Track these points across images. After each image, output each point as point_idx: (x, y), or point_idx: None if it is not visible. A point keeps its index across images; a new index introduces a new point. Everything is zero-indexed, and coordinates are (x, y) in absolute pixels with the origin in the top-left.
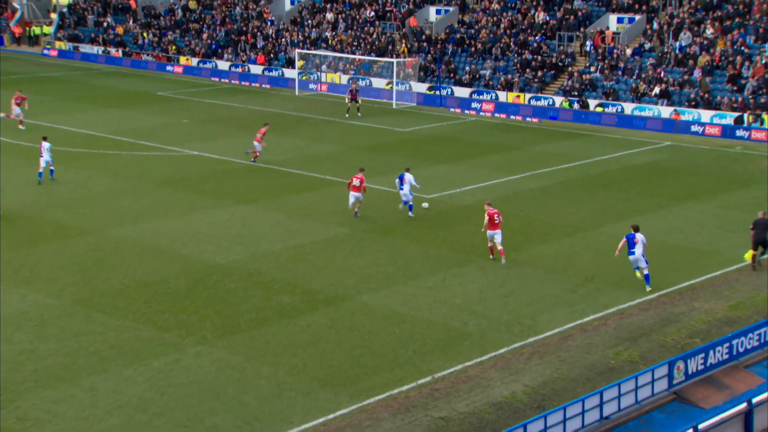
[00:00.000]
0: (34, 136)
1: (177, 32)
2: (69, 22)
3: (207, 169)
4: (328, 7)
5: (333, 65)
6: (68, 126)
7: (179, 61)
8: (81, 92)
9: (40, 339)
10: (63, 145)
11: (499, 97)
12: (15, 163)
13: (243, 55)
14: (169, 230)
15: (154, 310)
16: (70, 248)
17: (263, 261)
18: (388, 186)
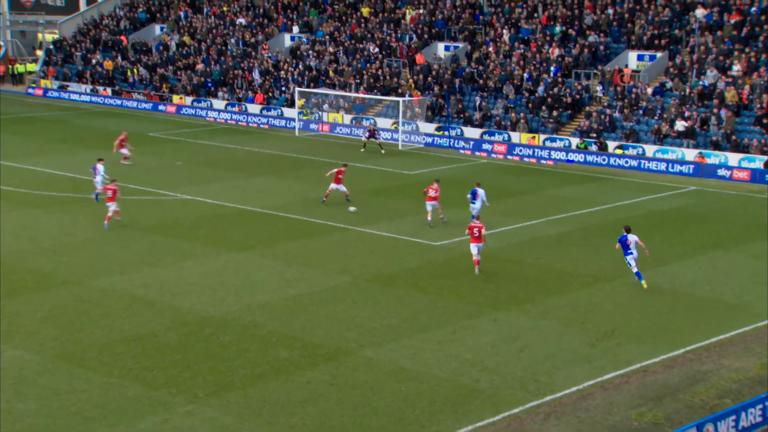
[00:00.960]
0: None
1: (170, 68)
2: (56, 60)
3: (200, 214)
4: (329, 42)
5: (335, 104)
6: (52, 169)
7: (172, 99)
8: (66, 133)
9: (17, 398)
10: (47, 189)
11: (512, 138)
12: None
13: (240, 93)
14: (159, 280)
15: (142, 366)
16: (53, 299)
17: (259, 312)
18: (393, 232)
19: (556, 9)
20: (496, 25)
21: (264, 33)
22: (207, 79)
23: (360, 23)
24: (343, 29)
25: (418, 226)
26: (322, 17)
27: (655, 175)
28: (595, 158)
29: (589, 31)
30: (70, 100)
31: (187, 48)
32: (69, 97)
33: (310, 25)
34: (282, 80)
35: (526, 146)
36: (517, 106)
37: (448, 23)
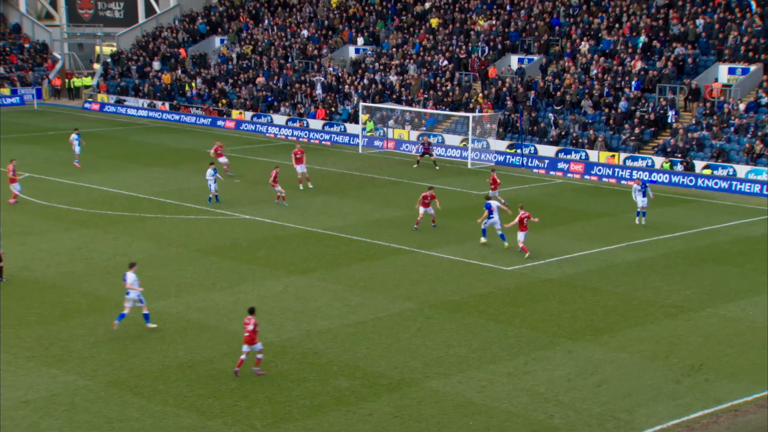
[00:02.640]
0: (69, 198)
1: (229, 82)
2: (113, 73)
3: (259, 235)
4: (395, 54)
5: (401, 120)
6: (107, 187)
7: (231, 114)
8: (122, 149)
9: (70, 426)
10: (102, 208)
11: (590, 157)
12: (47, 228)
13: (301, 108)
14: (216, 303)
15: (197, 394)
16: (106, 323)
17: (319, 339)
18: (462, 256)
19: (640, 19)
20: (573, 37)
21: (327, 45)
22: (268, 93)
23: (428, 35)
24: (411, 41)
25: (489, 251)
26: (388, 28)
27: (748, 197)
28: (680, 179)
29: (675, 43)
30: (127, 114)
31: (248, 61)
32: (126, 111)
33: (375, 37)
34: (345, 95)
35: (605, 165)
36: (596, 123)
37: (522, 35)
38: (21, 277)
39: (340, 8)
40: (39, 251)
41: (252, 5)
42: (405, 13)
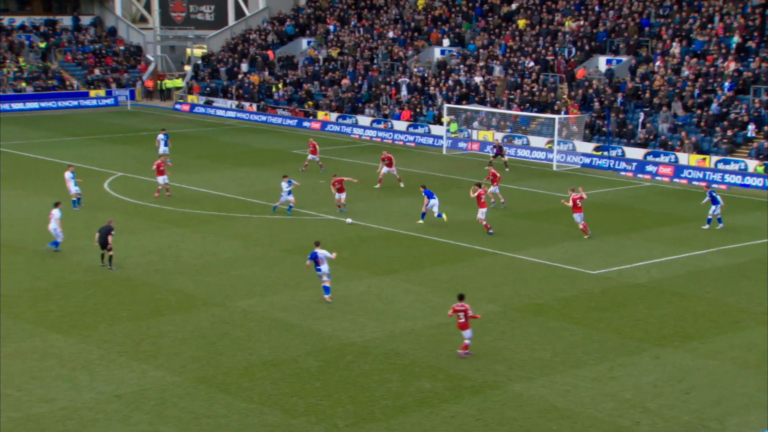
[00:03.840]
0: (160, 198)
1: (315, 84)
2: (202, 75)
3: (342, 235)
4: (481, 55)
5: (486, 121)
6: (196, 186)
7: (317, 116)
8: (211, 150)
9: (160, 420)
10: (191, 208)
11: (679, 160)
12: (139, 227)
13: (386, 109)
14: (300, 303)
15: (281, 392)
16: (194, 320)
17: (402, 340)
18: (546, 259)
19: (734, 19)
20: (664, 37)
21: (413, 46)
22: (353, 94)
23: (515, 36)
24: (496, 42)
25: (573, 253)
26: (474, 30)
27: None
28: None
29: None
30: (216, 115)
31: (334, 63)
32: (215, 112)
33: (461, 38)
34: (430, 96)
35: (695, 168)
36: (686, 125)
37: (610, 35)
38: (114, 274)
39: (426, 10)
40: (131, 249)
41: (339, 7)
42: (491, 14)
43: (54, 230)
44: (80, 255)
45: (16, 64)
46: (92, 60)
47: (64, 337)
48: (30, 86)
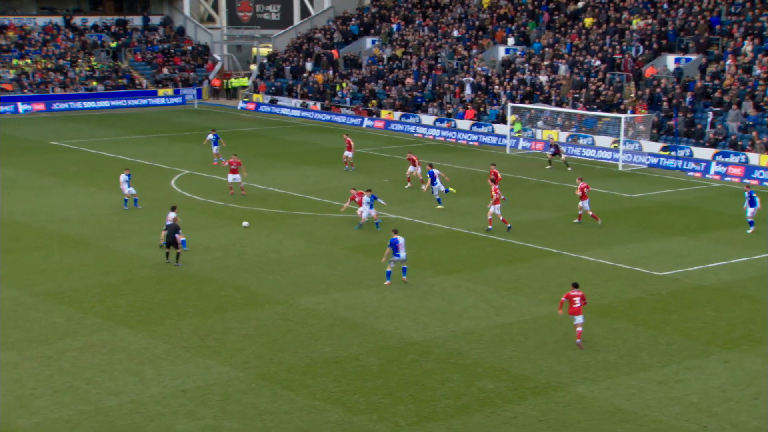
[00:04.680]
0: (225, 195)
1: (379, 83)
2: (268, 74)
3: (406, 234)
4: (546, 54)
5: (550, 121)
6: (261, 184)
7: (380, 114)
8: (276, 148)
9: (224, 415)
10: (255, 205)
11: (750, 160)
12: (205, 224)
13: (449, 108)
14: (363, 301)
15: (343, 390)
16: (258, 317)
17: (464, 340)
18: (610, 260)
19: None
20: (735, 35)
21: (478, 45)
22: (417, 93)
23: (581, 34)
24: (562, 40)
25: (639, 254)
26: (539, 28)
27: None
28: None
29: None
30: (280, 114)
31: (398, 62)
32: (279, 111)
33: (526, 37)
34: (494, 95)
35: (766, 169)
36: (757, 125)
37: (679, 33)
38: (181, 270)
39: (492, 8)
40: (197, 246)
41: (404, 6)
42: (557, 12)
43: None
44: (148, 251)
45: (88, 64)
46: (161, 59)
47: (131, 331)
48: (101, 85)
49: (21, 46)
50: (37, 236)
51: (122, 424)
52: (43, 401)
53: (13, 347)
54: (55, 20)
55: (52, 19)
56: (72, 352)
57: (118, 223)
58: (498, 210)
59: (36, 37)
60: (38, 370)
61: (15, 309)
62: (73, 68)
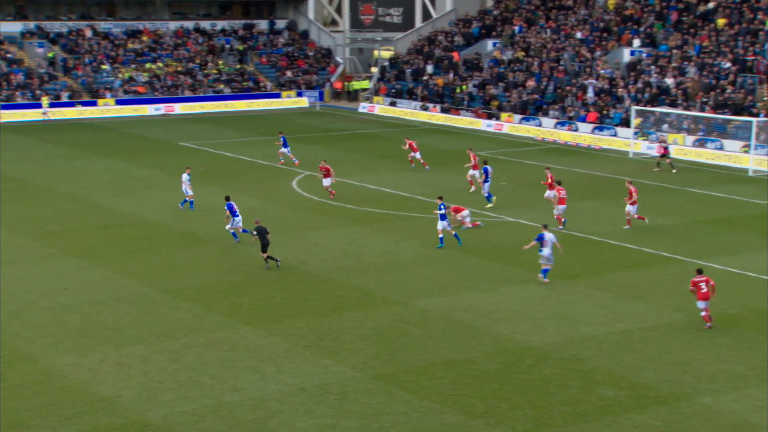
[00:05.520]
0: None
1: (499, 85)
2: (388, 76)
3: (523, 238)
4: (673, 56)
5: (676, 124)
6: (378, 186)
7: (500, 117)
8: (394, 150)
9: (341, 414)
10: (372, 207)
11: None
12: (324, 224)
13: (571, 111)
14: (479, 304)
15: (460, 393)
16: (375, 317)
17: (583, 346)
18: (738, 268)
19: None
20: None
21: (601, 47)
22: (538, 96)
23: (711, 36)
24: (691, 42)
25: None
26: (667, 30)
27: None
28: None
29: None
30: (400, 117)
31: (519, 64)
32: (399, 114)
33: (652, 38)
34: (618, 98)
35: None
36: None
37: None
38: (299, 269)
39: (617, 10)
40: (315, 246)
41: (527, 9)
42: (687, 13)
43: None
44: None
45: (216, 67)
46: (285, 62)
47: (253, 329)
48: (227, 87)
49: (154, 49)
50: (165, 234)
51: (244, 420)
52: (170, 395)
53: (142, 342)
54: (186, 25)
55: (184, 24)
56: (197, 347)
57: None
58: (634, 210)
59: (168, 41)
60: (165, 365)
61: (144, 305)
62: (202, 71)
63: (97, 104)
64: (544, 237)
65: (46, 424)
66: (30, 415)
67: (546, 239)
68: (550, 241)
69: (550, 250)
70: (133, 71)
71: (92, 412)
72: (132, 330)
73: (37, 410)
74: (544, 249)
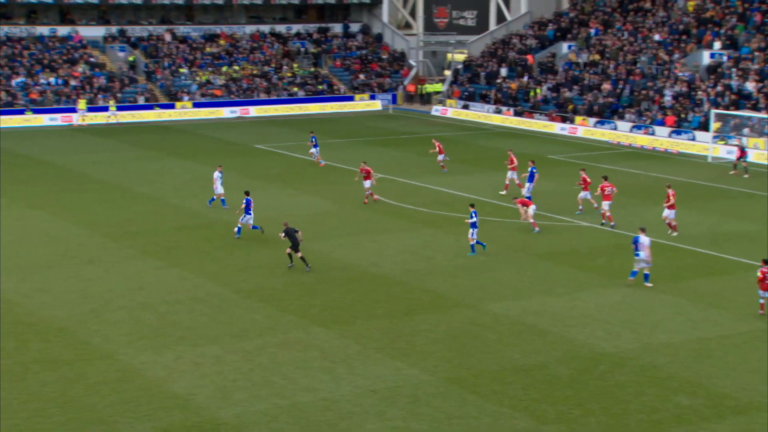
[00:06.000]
0: (414, 199)
1: (574, 89)
2: (462, 79)
3: (599, 243)
4: (755, 58)
5: (757, 128)
6: (451, 189)
7: (574, 121)
8: (467, 153)
9: (413, 417)
10: (445, 210)
11: None
12: (396, 227)
13: (648, 116)
14: (552, 309)
15: (531, 398)
16: (447, 321)
17: (659, 353)
18: None
19: None
20: None
21: (680, 50)
22: (613, 99)
23: None
24: None
25: None
26: (749, 32)
27: None
28: None
29: None
30: (473, 120)
31: (595, 67)
32: (472, 117)
33: (734, 41)
34: (696, 101)
35: None
36: None
37: None
38: (370, 272)
39: (697, 11)
40: (387, 248)
41: (603, 11)
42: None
43: None
44: (341, 252)
45: (290, 70)
46: (358, 65)
47: (325, 330)
48: (301, 90)
49: (230, 53)
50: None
51: (316, 421)
52: (243, 394)
53: (216, 341)
54: (262, 28)
55: (260, 28)
56: (270, 348)
57: (314, 224)
58: (672, 214)
59: (244, 45)
60: (239, 364)
61: (219, 305)
62: (277, 74)
63: (175, 107)
64: (639, 240)
65: (124, 420)
66: (108, 411)
67: (641, 242)
68: (645, 244)
69: (646, 253)
70: (210, 74)
71: (167, 410)
72: (207, 329)
73: (116, 406)
74: (640, 252)
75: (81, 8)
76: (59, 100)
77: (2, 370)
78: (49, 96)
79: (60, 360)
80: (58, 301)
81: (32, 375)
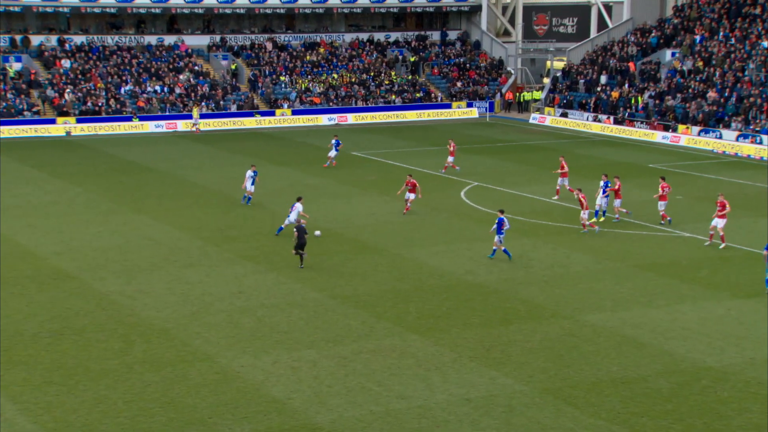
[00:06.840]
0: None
1: (677, 97)
2: (560, 87)
3: (700, 254)
4: None
5: None
6: (548, 197)
7: (677, 129)
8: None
9: (507, 427)
10: (542, 219)
11: None
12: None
13: (756, 124)
14: (652, 321)
15: (630, 412)
16: (543, 331)
17: (765, 369)
18: None
19: None
20: None
21: None
22: (718, 107)
23: None
24: None
25: None
26: None
27: None
28: None
29: None
30: (572, 128)
31: (699, 75)
32: (571, 125)
33: None
34: None
35: None
36: None
37: None
38: (466, 280)
39: None
40: (483, 257)
41: (710, 17)
42: None
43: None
44: (437, 259)
45: (388, 77)
46: (456, 73)
47: (420, 338)
48: (399, 98)
49: (330, 61)
50: (337, 242)
51: (410, 428)
52: (338, 399)
53: (313, 346)
54: (360, 36)
55: (359, 36)
56: (365, 354)
57: (411, 231)
58: (721, 223)
59: (343, 53)
60: (334, 370)
61: (316, 310)
62: (375, 82)
63: (275, 114)
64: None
65: (223, 422)
66: (208, 413)
67: None
68: None
69: None
70: (309, 82)
71: (265, 413)
72: (303, 334)
73: (215, 408)
74: None
75: (187, 18)
76: (164, 107)
77: (109, 370)
78: (154, 104)
79: (162, 361)
80: (161, 303)
81: (136, 375)
